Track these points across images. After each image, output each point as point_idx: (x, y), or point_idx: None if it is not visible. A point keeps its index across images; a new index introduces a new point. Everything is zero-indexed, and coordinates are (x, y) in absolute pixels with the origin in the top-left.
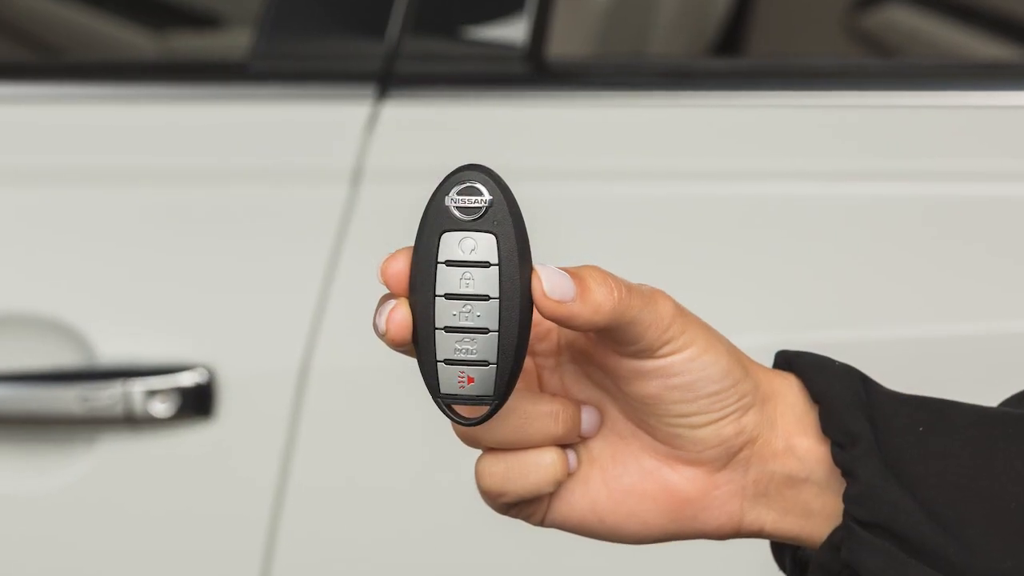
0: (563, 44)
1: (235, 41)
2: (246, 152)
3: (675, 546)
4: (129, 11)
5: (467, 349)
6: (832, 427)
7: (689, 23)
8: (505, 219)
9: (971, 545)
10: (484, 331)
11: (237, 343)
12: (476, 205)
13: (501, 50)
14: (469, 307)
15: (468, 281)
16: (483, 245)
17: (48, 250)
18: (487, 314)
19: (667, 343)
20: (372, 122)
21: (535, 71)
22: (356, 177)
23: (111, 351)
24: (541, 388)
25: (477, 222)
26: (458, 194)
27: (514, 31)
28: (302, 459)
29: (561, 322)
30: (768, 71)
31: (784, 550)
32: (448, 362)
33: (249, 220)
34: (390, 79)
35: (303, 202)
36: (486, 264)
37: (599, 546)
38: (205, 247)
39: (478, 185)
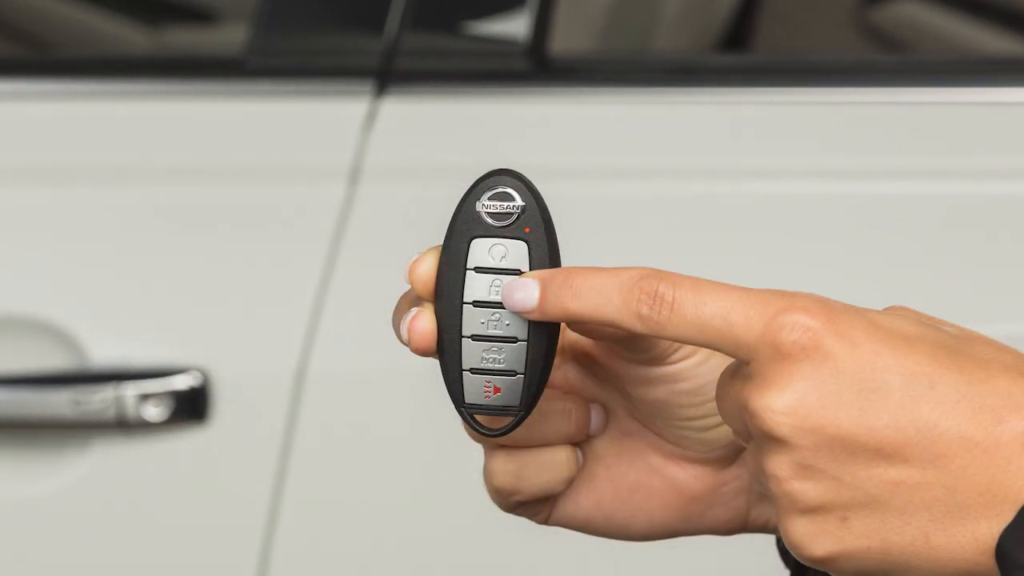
0: (565, 40)
1: (230, 37)
2: (242, 150)
3: (678, 550)
4: (123, 6)
5: (494, 359)
6: None
7: (694, 18)
8: (537, 226)
9: None
10: (513, 340)
11: (232, 345)
12: (508, 211)
13: (502, 46)
14: (498, 316)
15: (498, 288)
16: (514, 252)
17: (38, 249)
18: (516, 323)
19: (678, 349)
20: (370, 119)
21: (537, 67)
22: (354, 175)
23: (103, 353)
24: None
25: (508, 228)
26: (489, 199)
27: (515, 26)
28: (298, 464)
29: (583, 333)
30: (776, 67)
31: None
32: (474, 371)
33: (244, 219)
34: (389, 75)
35: (300, 201)
36: (517, 272)
37: (602, 549)
38: (199, 247)
39: (510, 190)
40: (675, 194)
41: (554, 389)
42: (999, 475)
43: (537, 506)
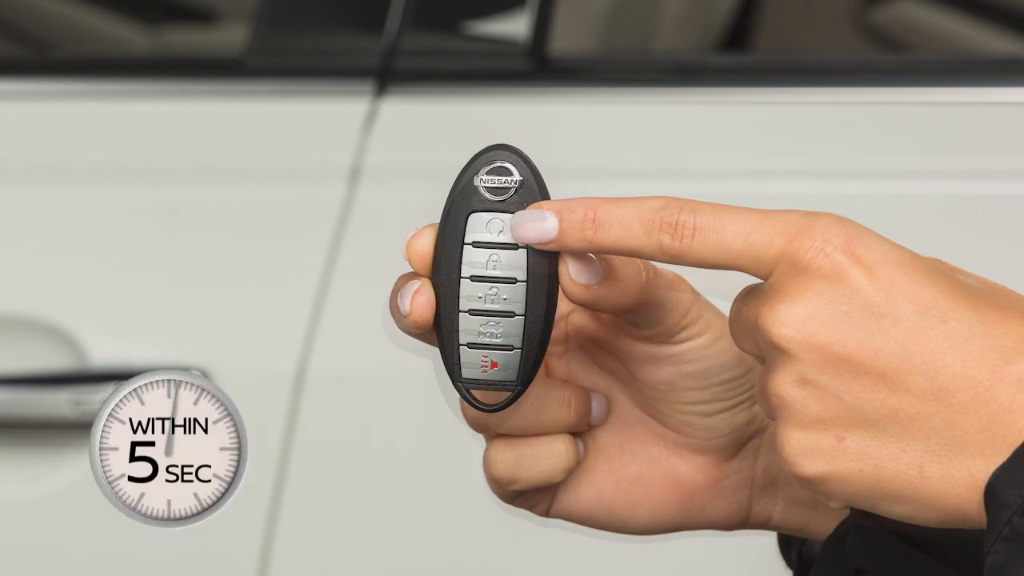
0: (566, 40)
1: (230, 36)
2: (242, 150)
3: (678, 555)
4: (123, 6)
5: (492, 332)
6: None
7: (695, 18)
8: (535, 200)
9: (975, 534)
10: (510, 315)
11: (232, 345)
12: (506, 185)
13: (502, 46)
14: (495, 289)
15: (495, 263)
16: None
17: (39, 250)
18: (514, 297)
19: (685, 328)
20: (370, 119)
21: (537, 67)
22: (354, 175)
23: (103, 353)
24: (548, 375)
25: (506, 203)
26: (487, 174)
27: (516, 26)
28: (298, 463)
29: (587, 305)
30: (775, 67)
31: (791, 545)
32: (471, 346)
33: (245, 219)
34: (389, 75)
35: (300, 200)
36: (514, 246)
37: (602, 550)
38: (199, 247)
39: (508, 165)
40: (675, 194)
41: (554, 378)
42: (1000, 414)
43: (537, 497)
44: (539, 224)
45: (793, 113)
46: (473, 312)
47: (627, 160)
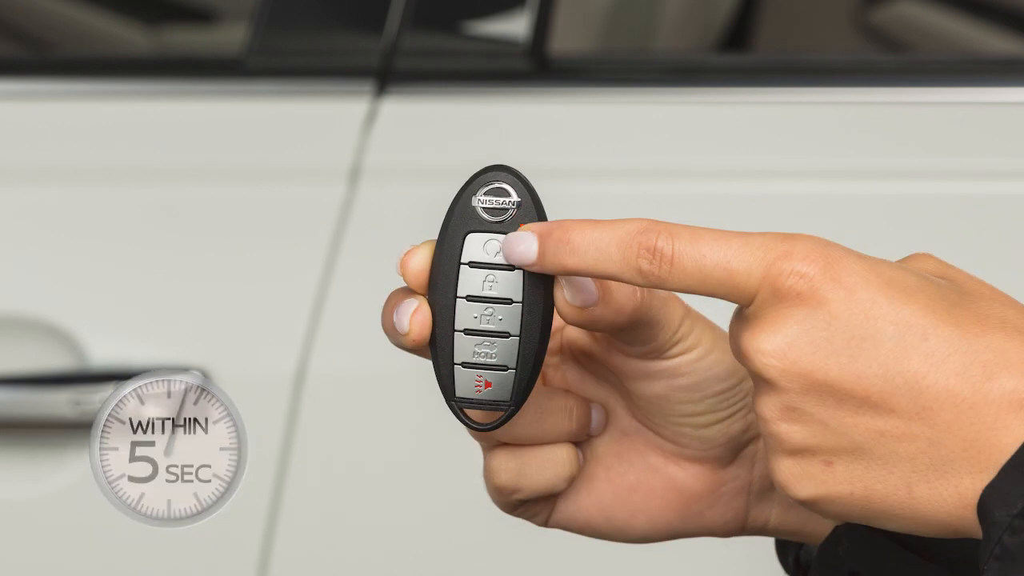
0: (566, 40)
1: (230, 36)
2: (242, 150)
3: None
4: (123, 6)
5: (486, 353)
6: None
7: (695, 18)
8: (531, 222)
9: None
10: (505, 335)
11: (232, 345)
12: (503, 207)
13: (502, 46)
14: (491, 310)
15: (491, 284)
16: None
17: (39, 250)
18: (509, 318)
19: (676, 343)
20: (370, 119)
21: (537, 67)
22: (354, 175)
23: (103, 354)
24: (544, 386)
25: (503, 224)
26: (485, 195)
27: (516, 26)
28: (298, 463)
29: (582, 326)
30: (775, 67)
31: (788, 550)
32: (465, 365)
33: (245, 219)
34: (389, 75)
35: (300, 201)
36: (510, 268)
37: (600, 559)
38: (199, 247)
39: (506, 186)
40: (675, 194)
41: (554, 387)
42: (984, 432)
43: (537, 506)
44: (521, 246)
45: (793, 113)
46: (468, 332)
47: (627, 160)
